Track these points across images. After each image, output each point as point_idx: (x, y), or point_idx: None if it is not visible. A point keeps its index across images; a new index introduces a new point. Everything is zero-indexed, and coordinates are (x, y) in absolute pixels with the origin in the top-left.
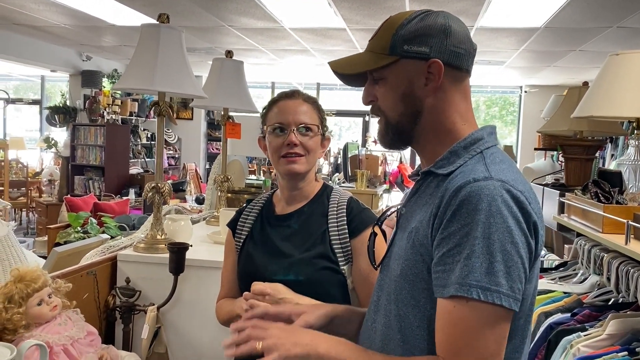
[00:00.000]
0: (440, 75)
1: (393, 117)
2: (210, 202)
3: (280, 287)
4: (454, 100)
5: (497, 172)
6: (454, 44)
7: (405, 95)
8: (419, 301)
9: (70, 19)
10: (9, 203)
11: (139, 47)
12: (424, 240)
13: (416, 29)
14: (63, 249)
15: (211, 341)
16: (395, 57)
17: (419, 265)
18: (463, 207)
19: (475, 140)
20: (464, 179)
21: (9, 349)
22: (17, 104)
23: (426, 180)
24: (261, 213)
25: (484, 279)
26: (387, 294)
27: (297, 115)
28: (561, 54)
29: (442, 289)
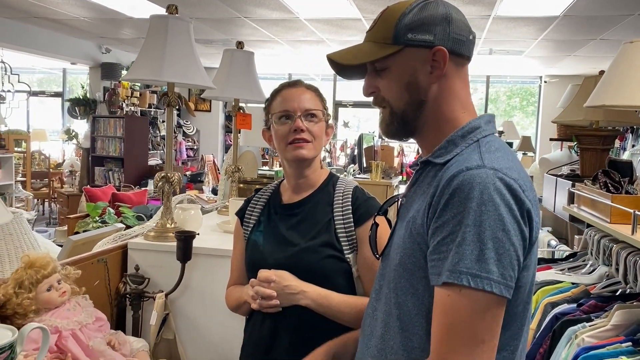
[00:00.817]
0: (445, 63)
1: (398, 107)
2: (223, 192)
3: (285, 274)
4: (456, 88)
5: (491, 160)
6: (455, 32)
7: (410, 83)
8: (418, 289)
9: (90, 11)
10: (31, 193)
11: (148, 38)
12: (420, 229)
13: (419, 18)
14: (78, 238)
15: (219, 327)
16: (399, 46)
17: (417, 254)
18: (455, 196)
19: (473, 129)
20: (457, 168)
21: (10, 331)
22: (39, 97)
23: (425, 170)
24: (268, 202)
25: (474, 266)
26: (388, 282)
27: (301, 102)
28: (581, 42)
29: (437, 277)
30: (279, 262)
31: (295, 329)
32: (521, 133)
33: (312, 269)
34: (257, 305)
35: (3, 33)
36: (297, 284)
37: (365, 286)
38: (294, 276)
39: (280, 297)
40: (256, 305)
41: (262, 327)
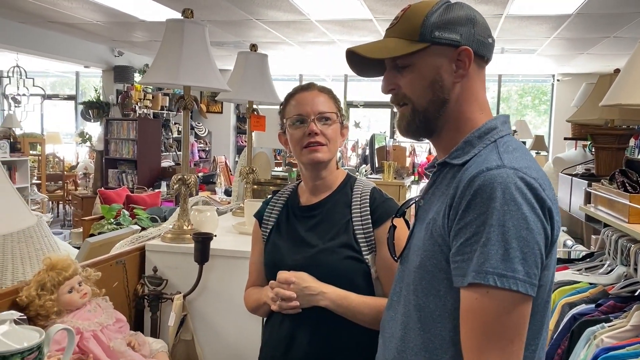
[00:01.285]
0: (470, 62)
1: (421, 104)
2: (237, 193)
3: (305, 275)
4: (476, 89)
5: (510, 160)
6: (479, 33)
7: (435, 82)
8: (439, 291)
9: (103, 15)
10: (46, 196)
11: (164, 42)
12: (441, 231)
13: (446, 17)
14: (95, 240)
15: (237, 328)
16: (425, 44)
17: (438, 256)
18: (477, 197)
19: (489, 130)
20: (477, 169)
21: (38, 333)
22: (53, 100)
23: (442, 172)
24: (287, 204)
25: (500, 266)
26: (407, 284)
27: (315, 105)
28: (595, 40)
29: (462, 278)
30: (298, 263)
31: (314, 330)
32: (534, 132)
33: (330, 270)
34: (277, 307)
35: (18, 38)
36: (317, 285)
37: (384, 287)
38: (313, 277)
39: (300, 299)
40: (276, 307)
41: (281, 327)
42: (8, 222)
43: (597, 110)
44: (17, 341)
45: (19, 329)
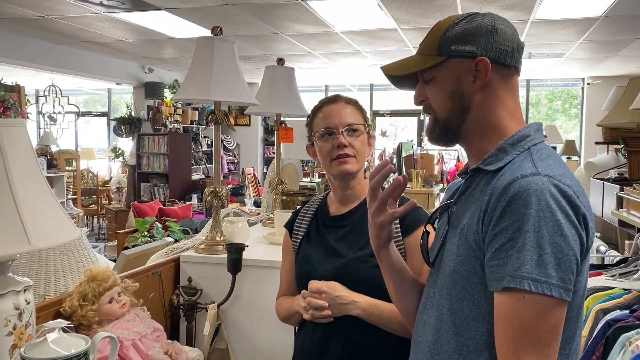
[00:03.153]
0: (487, 73)
1: (441, 115)
2: (266, 204)
3: (336, 285)
4: (502, 97)
5: (545, 167)
6: (500, 42)
7: (454, 92)
8: (473, 295)
9: (133, 34)
10: (81, 210)
11: (195, 59)
12: (475, 236)
13: (463, 30)
14: (131, 252)
15: (269, 337)
16: (443, 57)
17: (472, 261)
18: (513, 203)
19: (523, 137)
20: (512, 176)
21: (84, 340)
22: (86, 117)
23: (476, 178)
24: (316, 214)
25: (534, 271)
26: (440, 289)
27: (342, 117)
28: (625, 42)
29: (497, 283)
30: (328, 272)
31: (346, 339)
32: (564, 137)
33: (361, 279)
34: (309, 316)
35: (53, 58)
36: (348, 294)
37: None
38: (345, 287)
39: (332, 308)
40: (308, 316)
41: (313, 336)
42: (56, 235)
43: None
44: (65, 348)
45: (66, 337)
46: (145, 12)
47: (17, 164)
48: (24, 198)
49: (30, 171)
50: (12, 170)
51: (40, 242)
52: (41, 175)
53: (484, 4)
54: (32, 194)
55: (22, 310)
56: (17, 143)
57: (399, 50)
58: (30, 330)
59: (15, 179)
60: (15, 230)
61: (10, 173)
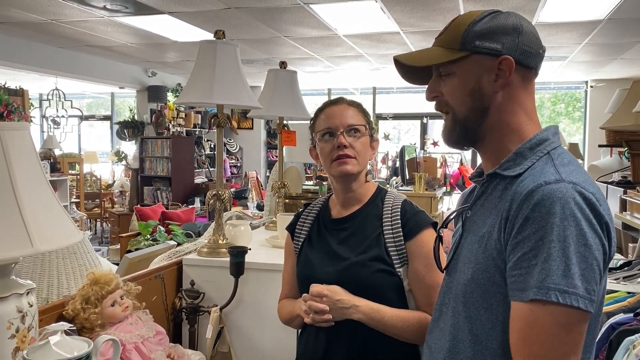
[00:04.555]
0: (511, 72)
1: (461, 112)
2: (269, 207)
3: (337, 289)
4: (521, 99)
5: (568, 174)
6: (525, 43)
7: (475, 90)
8: (492, 304)
9: (136, 38)
10: (84, 214)
11: (197, 63)
12: (496, 245)
13: (489, 26)
14: (133, 255)
15: (272, 340)
16: (466, 52)
17: (491, 270)
18: (536, 211)
19: (541, 141)
20: (534, 182)
21: (86, 343)
22: (90, 120)
23: (492, 183)
24: (318, 217)
25: (561, 282)
26: (455, 296)
27: (343, 118)
28: (628, 45)
29: (521, 293)
30: (330, 276)
31: (348, 343)
32: (568, 140)
33: (363, 283)
34: (310, 320)
35: (57, 62)
36: (349, 298)
37: (416, 300)
38: (346, 291)
39: (333, 312)
40: (309, 320)
41: (316, 340)
42: (59, 238)
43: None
44: (68, 351)
45: (69, 339)
46: (148, 16)
47: (21, 167)
48: (27, 201)
49: (33, 174)
50: (16, 174)
51: (43, 245)
52: (44, 179)
53: (486, 7)
54: (36, 197)
55: (25, 313)
56: (21, 146)
57: (402, 53)
58: (33, 333)
59: (18, 182)
60: (19, 233)
61: (13, 176)
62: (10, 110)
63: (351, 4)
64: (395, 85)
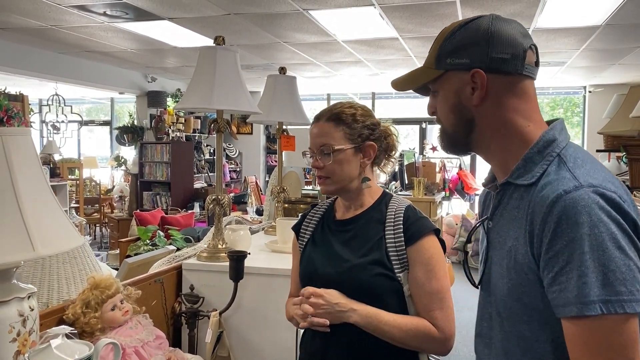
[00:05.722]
0: (484, 84)
1: (447, 128)
2: (268, 212)
3: (335, 292)
4: (511, 104)
5: (585, 176)
6: (496, 51)
7: (455, 106)
8: (532, 317)
9: (136, 43)
10: (84, 219)
11: (197, 69)
12: (525, 259)
13: (458, 41)
14: (133, 260)
15: (271, 344)
16: (440, 71)
17: (525, 284)
18: (562, 224)
19: (548, 143)
20: (554, 192)
21: (87, 346)
22: (89, 126)
23: (507, 192)
24: (323, 218)
25: (602, 292)
26: (497, 310)
27: (317, 138)
28: (626, 51)
29: (563, 309)
30: (330, 277)
31: (345, 345)
32: None
33: (362, 286)
34: (306, 324)
35: (57, 67)
36: (347, 302)
37: (416, 305)
38: (343, 294)
39: (330, 315)
40: (305, 324)
41: (312, 343)
42: (60, 242)
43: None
44: (69, 354)
45: (70, 343)
46: (148, 22)
47: (23, 172)
48: (29, 205)
49: (35, 179)
50: (18, 178)
51: (45, 249)
52: (46, 183)
53: (484, 13)
54: (37, 201)
55: (26, 316)
56: (23, 151)
57: (401, 59)
58: (34, 337)
59: (20, 187)
60: (20, 237)
61: (15, 181)
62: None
63: (350, 10)
64: (394, 90)
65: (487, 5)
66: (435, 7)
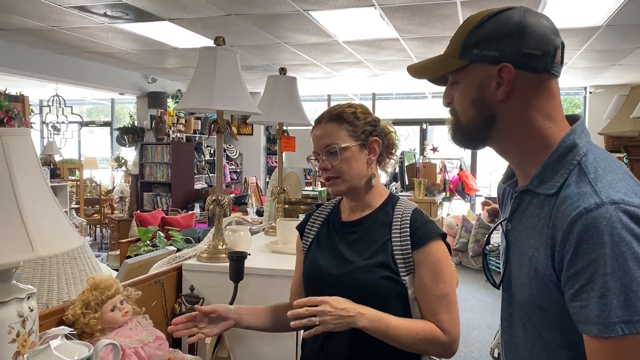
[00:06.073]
0: (511, 80)
1: (464, 121)
2: (268, 213)
3: (340, 299)
4: (536, 102)
5: (606, 190)
6: (527, 46)
7: (476, 100)
8: (553, 324)
9: (136, 44)
10: (84, 220)
11: (197, 69)
12: (546, 271)
13: (487, 32)
14: (133, 261)
15: (271, 346)
16: (465, 62)
17: (546, 293)
18: (584, 243)
19: (569, 149)
20: (575, 210)
21: (87, 347)
22: (90, 127)
23: (525, 197)
24: (328, 218)
25: (624, 314)
26: (520, 313)
27: (322, 140)
28: (626, 51)
29: (584, 325)
30: (335, 278)
31: (347, 346)
32: None
33: (366, 289)
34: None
35: (58, 68)
36: (354, 307)
37: (422, 309)
38: (349, 300)
39: (338, 321)
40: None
41: (314, 343)
42: (60, 243)
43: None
44: (68, 355)
45: (70, 343)
46: (148, 23)
47: (22, 173)
48: (29, 206)
49: (35, 180)
50: (17, 179)
51: (44, 249)
52: (46, 184)
53: None
54: (37, 202)
55: (25, 317)
56: (23, 152)
57: (401, 59)
58: (34, 338)
59: (20, 187)
60: (20, 237)
61: (15, 181)
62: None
63: (350, 11)
64: (395, 91)
65: (489, 5)
66: (435, 7)
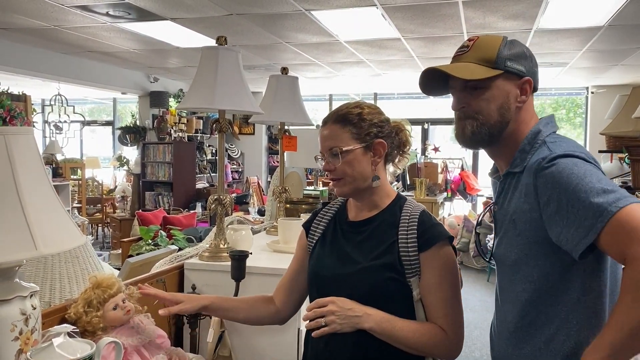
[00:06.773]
0: (530, 91)
1: (488, 122)
2: (270, 213)
3: (346, 300)
4: (531, 112)
5: (558, 148)
6: (534, 67)
7: (502, 105)
8: (546, 264)
9: (139, 44)
10: (86, 219)
11: (199, 69)
12: (524, 216)
13: (515, 51)
14: (135, 260)
15: (273, 344)
16: (500, 71)
17: (528, 221)
18: (548, 183)
19: (535, 135)
20: (535, 165)
21: (89, 345)
22: (92, 126)
23: (507, 180)
24: (335, 217)
25: (608, 200)
26: (505, 275)
27: (325, 141)
28: (628, 51)
29: (588, 231)
30: (340, 278)
31: (350, 346)
32: None
33: (372, 289)
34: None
35: (60, 68)
36: (360, 307)
37: (427, 310)
38: (355, 302)
39: (344, 322)
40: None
41: (318, 342)
42: (62, 241)
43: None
44: (71, 352)
45: (72, 341)
46: (150, 22)
47: (25, 171)
48: (31, 204)
49: (37, 178)
50: (20, 177)
51: (47, 248)
52: (48, 183)
53: (487, 14)
54: (39, 200)
55: (28, 315)
56: (25, 151)
57: (403, 59)
58: (36, 336)
59: (22, 185)
60: (23, 236)
61: (18, 180)
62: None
63: (352, 11)
64: (396, 91)
65: (490, 6)
66: (437, 7)
